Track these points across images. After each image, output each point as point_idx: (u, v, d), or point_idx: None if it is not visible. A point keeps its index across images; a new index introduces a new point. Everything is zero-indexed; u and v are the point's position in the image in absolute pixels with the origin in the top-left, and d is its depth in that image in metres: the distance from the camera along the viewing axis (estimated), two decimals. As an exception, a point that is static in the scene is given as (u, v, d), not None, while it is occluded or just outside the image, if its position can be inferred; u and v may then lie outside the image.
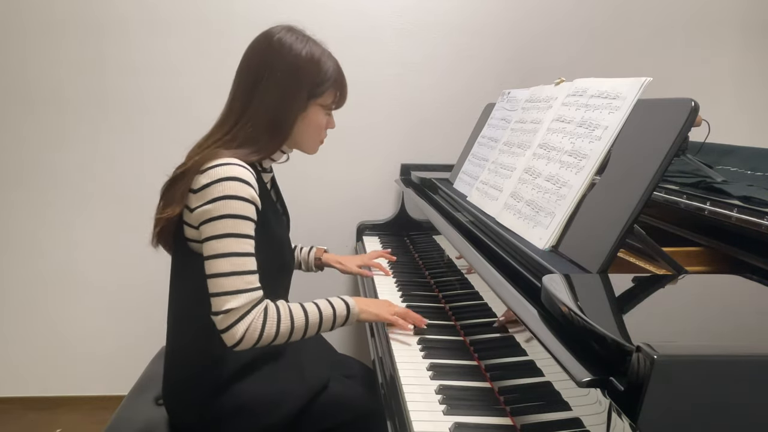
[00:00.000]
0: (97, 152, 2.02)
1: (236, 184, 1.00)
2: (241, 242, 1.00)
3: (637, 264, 1.04)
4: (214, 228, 0.99)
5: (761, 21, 2.21)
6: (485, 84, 2.10)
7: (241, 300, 0.98)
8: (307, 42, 1.11)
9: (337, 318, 1.11)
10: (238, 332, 0.98)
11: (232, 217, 0.99)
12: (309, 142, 1.18)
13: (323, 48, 1.14)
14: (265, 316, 1.02)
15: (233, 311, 0.98)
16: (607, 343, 0.61)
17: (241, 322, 0.99)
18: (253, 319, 1.00)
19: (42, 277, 2.09)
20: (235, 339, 0.99)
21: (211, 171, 1.00)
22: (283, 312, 1.05)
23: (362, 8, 2.02)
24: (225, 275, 0.98)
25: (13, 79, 1.94)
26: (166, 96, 1.99)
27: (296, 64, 1.09)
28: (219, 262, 0.99)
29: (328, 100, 1.14)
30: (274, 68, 1.08)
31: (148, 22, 1.94)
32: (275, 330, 1.03)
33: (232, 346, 1.00)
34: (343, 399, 1.19)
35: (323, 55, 1.12)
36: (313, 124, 1.14)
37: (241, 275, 0.99)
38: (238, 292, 0.98)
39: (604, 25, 2.14)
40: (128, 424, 1.16)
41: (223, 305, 0.98)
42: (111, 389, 2.16)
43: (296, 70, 1.09)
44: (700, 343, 0.59)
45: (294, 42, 1.10)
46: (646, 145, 0.87)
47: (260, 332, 1.00)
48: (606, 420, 0.60)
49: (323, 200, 2.12)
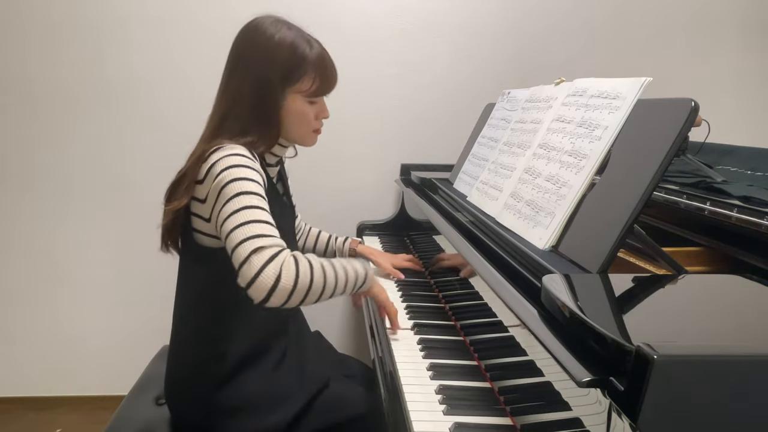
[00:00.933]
0: (98, 152, 2.01)
1: (239, 157, 0.99)
2: (253, 197, 0.94)
3: (637, 264, 1.04)
4: (224, 195, 0.94)
5: (761, 21, 2.21)
6: (485, 84, 2.10)
7: (266, 241, 0.89)
8: (283, 27, 1.07)
9: (358, 279, 1.06)
10: (270, 274, 0.85)
11: (239, 179, 0.95)
12: (298, 132, 1.13)
13: (303, 33, 1.09)
14: (296, 261, 0.91)
15: (260, 250, 0.87)
16: (607, 343, 0.61)
17: (272, 262, 0.86)
18: (285, 259, 0.89)
19: (42, 277, 2.09)
20: (269, 284, 0.85)
21: (212, 155, 1.00)
22: (314, 262, 0.96)
23: (362, 8, 2.02)
24: (242, 225, 0.90)
25: (12, 79, 1.94)
26: (169, 96, 1.99)
27: (268, 46, 1.05)
28: (233, 218, 0.91)
29: (307, 86, 1.08)
30: (246, 54, 1.07)
31: (149, 21, 1.94)
32: (309, 277, 0.91)
33: (265, 296, 0.86)
34: (343, 399, 1.19)
35: (298, 39, 1.07)
36: (294, 113, 1.09)
37: (260, 223, 0.91)
38: (260, 236, 0.89)
39: (604, 25, 2.14)
40: (128, 424, 1.16)
41: (249, 248, 0.87)
42: (111, 389, 2.16)
43: (268, 53, 1.05)
44: (700, 343, 0.59)
45: (268, 27, 1.06)
46: (646, 145, 0.87)
47: (296, 275, 0.89)
48: (606, 420, 0.60)
49: (323, 200, 2.12)
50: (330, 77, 1.12)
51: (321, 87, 1.10)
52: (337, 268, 1.01)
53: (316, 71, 1.08)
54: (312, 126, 1.14)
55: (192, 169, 1.02)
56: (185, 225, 1.07)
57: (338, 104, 2.07)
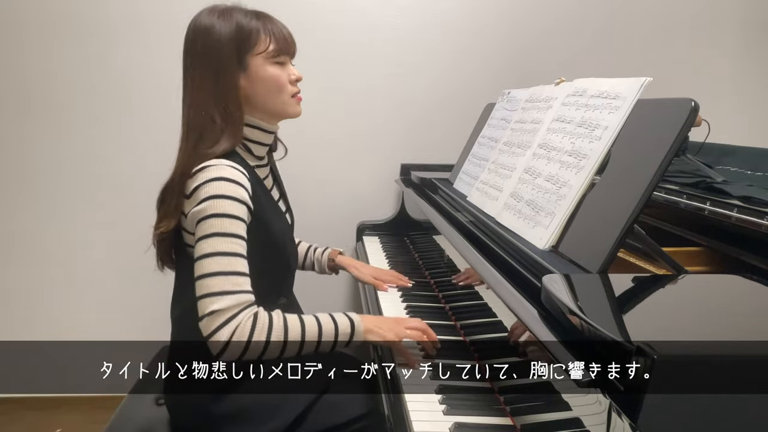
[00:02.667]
0: (97, 151, 2.01)
1: (224, 183, 0.97)
2: (228, 241, 0.95)
3: (637, 264, 1.04)
4: (202, 229, 0.95)
5: (761, 21, 2.21)
6: (485, 84, 2.10)
7: (226, 301, 0.92)
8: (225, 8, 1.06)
9: (340, 336, 1.03)
10: (222, 337, 0.91)
11: (219, 216, 0.95)
12: (277, 100, 1.09)
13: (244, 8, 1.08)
14: (254, 322, 0.94)
15: (217, 313, 0.92)
16: (607, 343, 0.61)
17: (226, 326, 0.91)
18: (240, 323, 0.93)
19: (42, 276, 2.09)
20: (220, 345, 0.92)
21: (199, 174, 0.99)
22: (276, 321, 0.97)
23: (362, 8, 2.01)
24: (210, 275, 0.93)
25: (12, 79, 1.94)
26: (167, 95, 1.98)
27: (212, 35, 1.04)
28: (204, 263, 0.94)
29: (263, 47, 1.06)
30: (194, 48, 1.06)
31: (147, 21, 1.94)
32: (265, 338, 0.95)
33: (217, 354, 0.93)
34: (343, 399, 1.18)
35: (240, 14, 1.06)
36: (262, 77, 1.06)
37: (227, 276, 0.93)
38: (223, 293, 0.92)
39: (604, 25, 2.14)
40: (128, 424, 1.16)
41: (208, 307, 0.92)
42: (111, 389, 2.15)
43: (214, 40, 1.03)
44: (700, 343, 0.59)
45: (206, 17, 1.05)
46: (646, 145, 0.87)
47: (248, 339, 0.93)
48: (606, 420, 0.60)
49: (323, 200, 2.12)
50: (285, 37, 1.09)
51: (279, 44, 1.08)
52: (307, 327, 1.00)
53: (267, 33, 1.06)
54: (289, 90, 1.10)
55: (179, 181, 1.01)
56: (178, 238, 1.06)
57: (338, 104, 2.08)
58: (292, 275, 1.26)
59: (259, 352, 0.95)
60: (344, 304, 2.20)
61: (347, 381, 1.26)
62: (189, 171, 1.01)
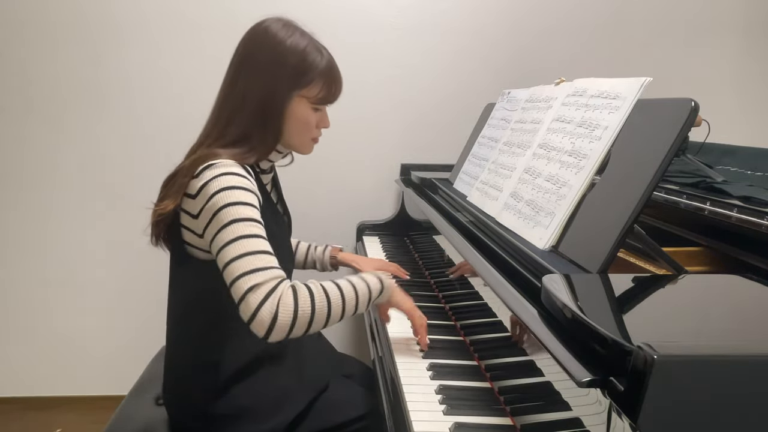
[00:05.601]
0: (97, 152, 2.02)
1: (232, 177, 0.97)
2: (248, 225, 0.93)
3: (637, 264, 1.04)
4: (218, 221, 0.94)
5: (762, 21, 2.21)
6: (485, 84, 2.10)
7: (262, 276, 0.89)
8: (295, 32, 1.07)
9: (372, 292, 1.03)
10: (267, 314, 0.86)
11: (233, 204, 0.94)
12: (298, 139, 1.12)
13: (314, 40, 1.09)
14: (295, 293, 0.91)
15: (256, 287, 0.87)
16: (607, 343, 0.61)
17: (268, 301, 0.87)
18: (282, 294, 0.89)
19: (42, 277, 2.09)
20: (266, 323, 0.86)
21: (205, 172, 0.98)
22: (314, 288, 0.95)
23: (362, 7, 2.02)
24: (238, 258, 0.90)
25: (11, 79, 1.94)
26: (167, 95, 1.99)
27: (279, 51, 1.04)
28: (229, 249, 0.91)
29: (314, 92, 1.08)
30: (256, 57, 1.06)
31: (145, 22, 1.94)
32: (310, 307, 0.91)
33: (266, 333, 0.87)
34: (343, 399, 1.18)
35: (310, 46, 1.07)
36: (298, 118, 1.08)
37: (255, 254, 0.91)
38: (257, 270, 0.89)
39: (605, 25, 2.14)
40: (128, 424, 1.16)
41: (244, 286, 0.88)
42: (111, 389, 2.16)
43: (278, 57, 1.04)
44: (700, 343, 0.59)
45: (279, 30, 1.06)
46: (646, 145, 0.87)
47: (294, 309, 0.89)
48: (606, 420, 0.60)
49: (323, 200, 2.12)
50: (337, 87, 1.12)
51: (327, 95, 1.10)
52: (344, 289, 0.99)
53: (324, 79, 1.08)
54: (312, 134, 1.13)
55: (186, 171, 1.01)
56: (176, 234, 1.06)
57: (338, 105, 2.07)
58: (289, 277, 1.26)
59: (306, 323, 0.91)
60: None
61: (347, 381, 1.27)
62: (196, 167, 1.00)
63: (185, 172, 1.02)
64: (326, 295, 0.95)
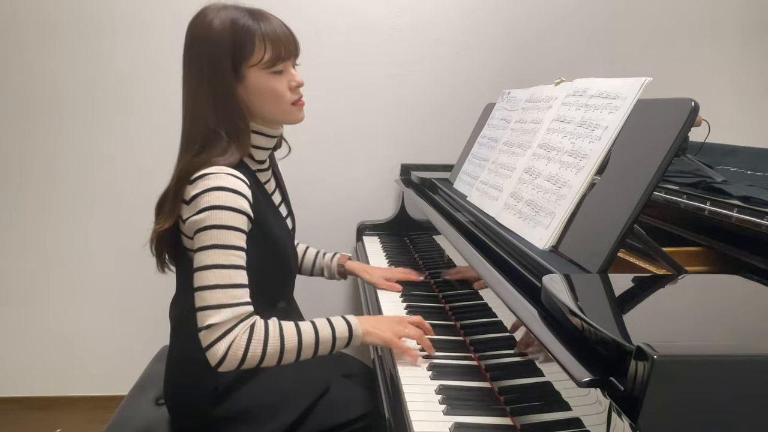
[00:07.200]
0: (96, 152, 2.02)
1: (224, 194, 0.96)
2: (227, 254, 0.95)
3: (637, 264, 1.04)
4: (200, 239, 0.95)
5: (762, 21, 2.21)
6: (485, 84, 2.10)
7: (223, 315, 0.94)
8: (224, 9, 1.02)
9: (337, 340, 1.04)
10: (219, 350, 0.93)
11: (218, 227, 0.95)
12: (275, 108, 1.07)
13: (248, 8, 1.04)
14: (250, 334, 0.96)
15: (215, 327, 0.93)
16: (607, 343, 0.61)
17: (223, 340, 0.94)
18: (237, 336, 0.95)
19: (42, 276, 2.09)
20: (217, 358, 0.94)
21: (200, 181, 0.97)
22: (272, 330, 0.99)
23: (361, 8, 2.01)
24: (208, 288, 0.94)
25: (11, 79, 1.94)
26: (167, 95, 1.99)
27: (208, 34, 1.00)
28: (203, 275, 0.95)
29: (260, 56, 1.02)
30: (193, 48, 1.03)
31: (144, 21, 1.94)
32: (261, 350, 0.97)
33: (216, 365, 0.94)
34: (343, 400, 1.18)
35: (240, 15, 1.01)
36: (261, 89, 1.04)
37: (224, 288, 0.94)
38: (220, 307, 0.94)
39: (605, 25, 2.14)
40: (128, 424, 1.16)
41: (205, 320, 0.94)
42: (111, 389, 2.16)
43: (210, 40, 1.00)
44: (700, 343, 0.59)
45: (207, 14, 1.02)
46: (646, 145, 0.87)
47: (244, 351, 0.95)
48: (606, 420, 0.60)
49: (323, 200, 2.12)
50: (283, 41, 1.04)
51: (276, 53, 1.03)
52: (304, 335, 1.01)
53: (265, 40, 1.02)
54: (288, 98, 1.07)
55: (177, 188, 1.00)
56: (177, 241, 1.06)
57: (339, 104, 2.08)
58: (292, 280, 1.26)
59: (257, 362, 0.97)
60: (344, 306, 2.20)
61: (347, 381, 1.27)
62: (188, 177, 0.99)
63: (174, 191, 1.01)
64: (281, 338, 0.99)
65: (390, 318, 1.13)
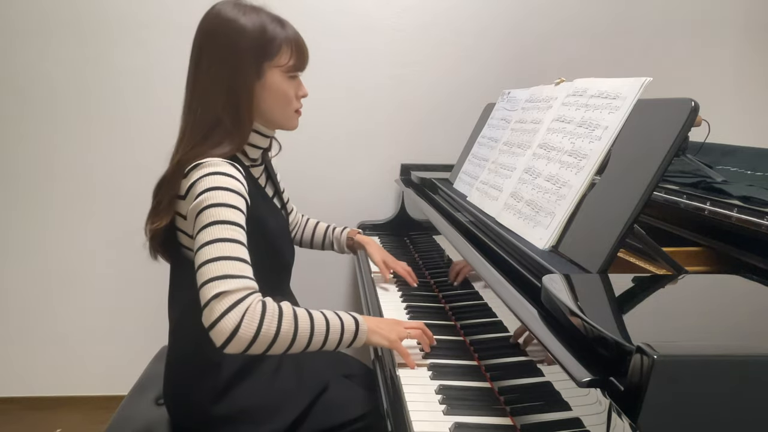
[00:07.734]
0: (96, 152, 2.01)
1: (220, 177, 0.96)
2: (229, 228, 0.90)
3: (637, 264, 1.04)
4: (200, 220, 0.92)
5: (762, 21, 2.21)
6: (485, 84, 2.10)
7: (232, 284, 0.85)
8: (247, 8, 1.04)
9: (345, 333, 0.98)
10: (230, 322, 0.82)
11: (217, 205, 0.92)
12: (280, 113, 1.10)
13: (270, 13, 1.07)
14: (263, 308, 0.86)
15: (223, 295, 0.83)
16: (607, 343, 0.61)
17: (233, 310, 0.83)
18: (250, 306, 0.84)
19: (42, 277, 2.09)
20: (227, 331, 0.82)
21: (194, 171, 0.97)
22: (286, 310, 0.91)
23: (361, 9, 2.02)
24: (212, 260, 0.86)
25: (10, 79, 1.94)
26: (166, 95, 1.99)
27: (235, 28, 1.02)
28: (205, 250, 0.88)
29: (284, 60, 1.06)
30: (214, 40, 1.03)
31: (142, 21, 1.94)
32: (276, 326, 0.87)
33: (224, 341, 0.83)
34: (342, 400, 1.18)
35: (266, 18, 1.05)
36: (275, 90, 1.06)
37: (230, 260, 0.87)
38: (228, 277, 0.85)
39: (605, 25, 2.14)
40: (128, 424, 1.16)
41: (212, 291, 0.84)
42: (111, 389, 2.16)
43: (236, 35, 1.02)
44: (700, 343, 0.59)
45: (230, 10, 1.03)
46: (646, 145, 0.87)
47: (258, 325, 0.84)
48: (606, 420, 0.60)
49: (324, 200, 2.12)
50: (303, 52, 1.10)
51: (298, 62, 1.08)
52: (316, 320, 0.94)
53: (292, 45, 1.06)
54: (293, 105, 1.11)
55: (173, 178, 1.00)
56: (172, 238, 1.06)
57: (339, 105, 2.09)
58: (288, 272, 1.26)
59: (268, 343, 0.87)
60: (344, 306, 2.20)
61: (347, 381, 1.27)
62: (184, 168, 0.99)
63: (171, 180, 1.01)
64: (295, 319, 0.91)
65: (391, 320, 1.12)
